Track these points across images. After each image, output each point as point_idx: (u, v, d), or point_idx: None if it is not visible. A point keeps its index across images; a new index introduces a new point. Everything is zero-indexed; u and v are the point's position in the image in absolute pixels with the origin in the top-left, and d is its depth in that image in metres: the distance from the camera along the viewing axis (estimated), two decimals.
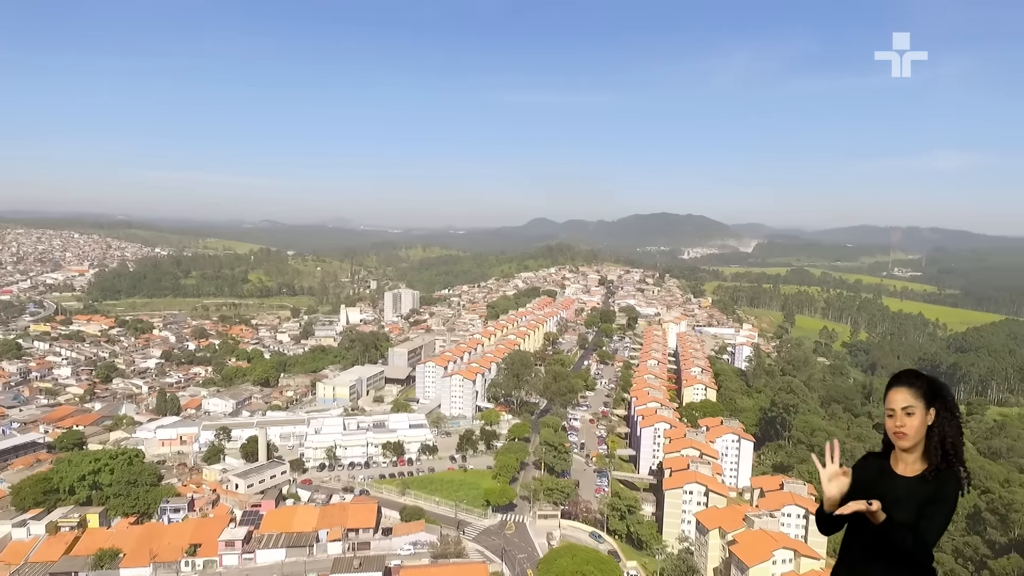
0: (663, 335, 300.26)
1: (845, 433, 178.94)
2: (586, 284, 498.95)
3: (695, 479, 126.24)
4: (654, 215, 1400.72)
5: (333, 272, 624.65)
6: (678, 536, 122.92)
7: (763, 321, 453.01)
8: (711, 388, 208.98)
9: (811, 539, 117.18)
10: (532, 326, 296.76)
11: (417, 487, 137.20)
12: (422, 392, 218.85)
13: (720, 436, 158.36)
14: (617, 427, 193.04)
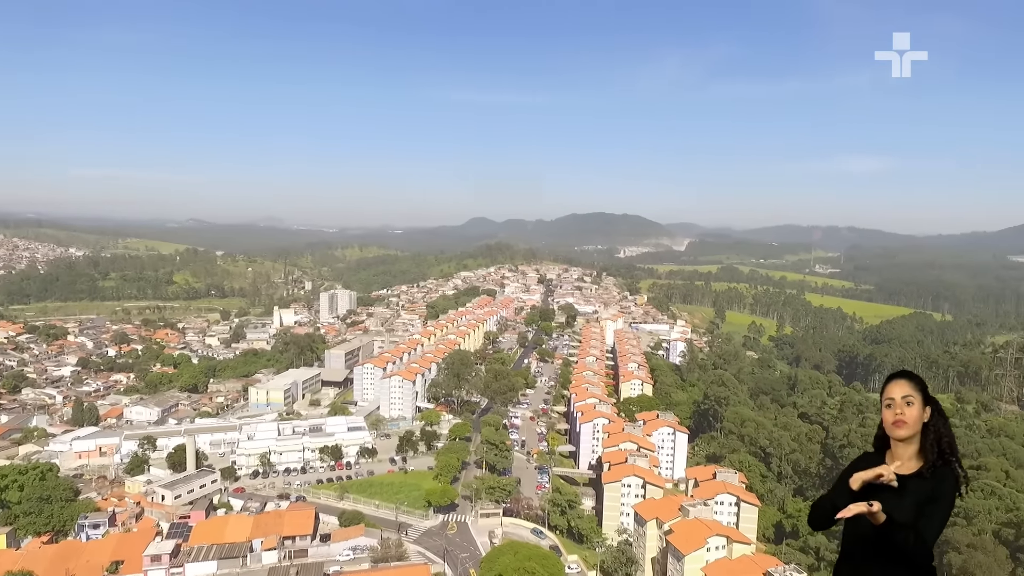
0: (601, 332, 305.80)
1: (773, 423, 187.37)
2: (525, 283, 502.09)
3: (633, 472, 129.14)
4: (591, 214, 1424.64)
5: (265, 273, 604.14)
6: (617, 528, 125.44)
7: (696, 317, 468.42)
8: (647, 383, 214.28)
9: (742, 526, 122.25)
10: (472, 325, 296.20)
11: (356, 491, 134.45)
12: (360, 394, 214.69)
13: (656, 429, 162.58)
14: (557, 424, 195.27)
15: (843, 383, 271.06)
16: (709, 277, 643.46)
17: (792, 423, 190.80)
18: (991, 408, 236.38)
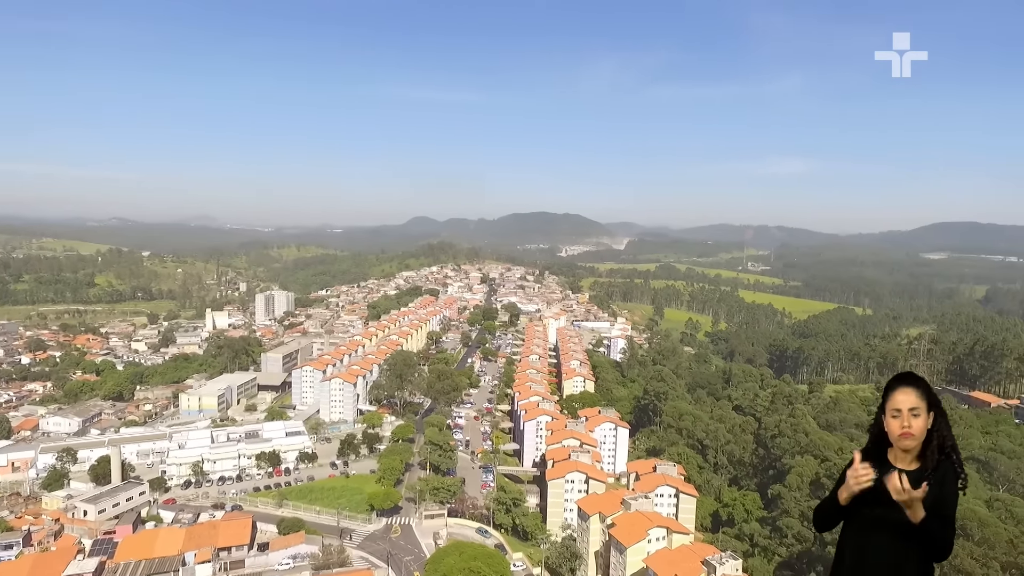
0: (544, 330, 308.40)
1: (709, 415, 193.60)
2: (468, 282, 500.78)
3: (576, 468, 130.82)
4: (533, 214, 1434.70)
5: (196, 274, 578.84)
6: (561, 524, 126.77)
7: (635, 314, 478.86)
8: (589, 380, 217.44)
9: (681, 516, 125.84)
10: (415, 326, 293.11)
11: (296, 497, 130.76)
12: (299, 398, 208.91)
13: (598, 425, 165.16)
14: (501, 422, 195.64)
15: (774, 376, 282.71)
16: (648, 275, 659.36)
17: (727, 415, 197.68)
18: None
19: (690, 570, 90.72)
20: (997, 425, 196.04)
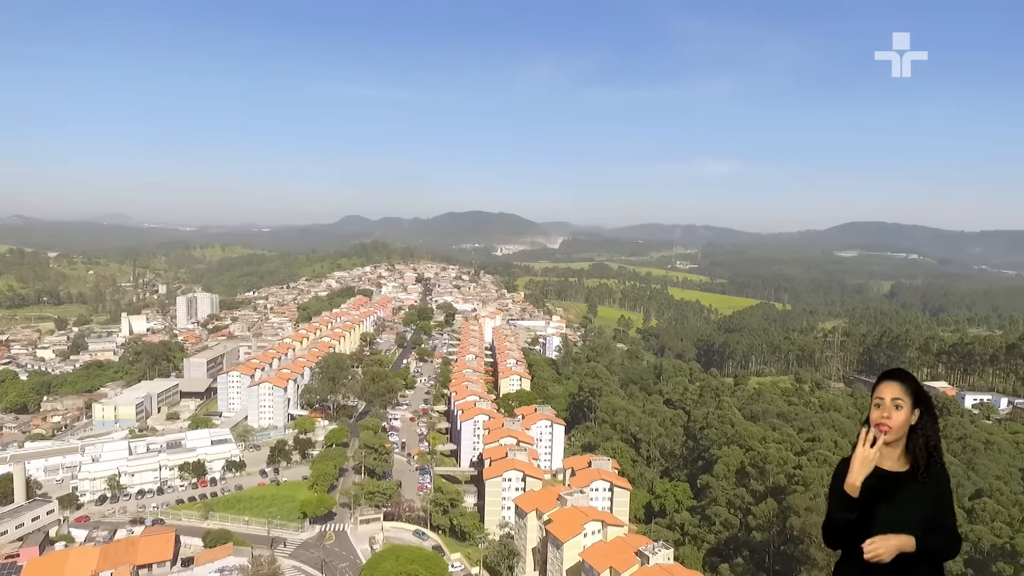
0: (480, 330, 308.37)
1: (641, 410, 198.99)
2: (403, 282, 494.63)
3: (513, 466, 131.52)
4: (468, 213, 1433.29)
5: (110, 276, 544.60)
6: (499, 523, 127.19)
7: (570, 312, 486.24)
8: (525, 378, 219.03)
9: (616, 509, 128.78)
10: (348, 327, 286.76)
11: (223, 508, 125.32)
12: (226, 404, 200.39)
13: (535, 423, 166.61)
14: (438, 423, 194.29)
15: (702, 370, 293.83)
16: (582, 274, 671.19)
17: (658, 409, 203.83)
18: (823, 386, 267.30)
19: (624, 561, 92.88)
20: None
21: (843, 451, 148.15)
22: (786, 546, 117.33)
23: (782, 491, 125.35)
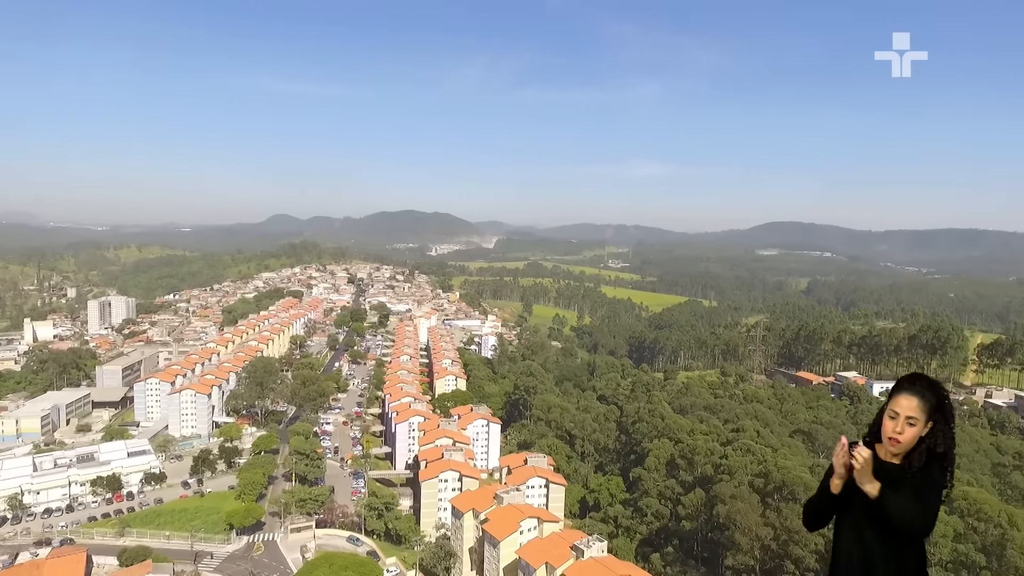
0: (415, 330, 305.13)
1: (576, 407, 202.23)
2: (335, 283, 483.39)
3: (449, 467, 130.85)
4: (402, 212, 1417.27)
5: (11, 279, 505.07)
6: (435, 524, 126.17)
7: (505, 312, 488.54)
8: (461, 378, 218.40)
9: (551, 505, 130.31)
10: (276, 330, 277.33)
11: (141, 524, 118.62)
12: (144, 414, 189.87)
13: (471, 423, 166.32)
14: (372, 426, 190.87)
15: (633, 366, 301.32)
16: (517, 273, 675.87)
17: (592, 405, 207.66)
18: (746, 379, 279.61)
19: (560, 556, 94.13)
20: (818, 400, 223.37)
21: (764, 440, 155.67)
22: (713, 533, 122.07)
23: (709, 481, 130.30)
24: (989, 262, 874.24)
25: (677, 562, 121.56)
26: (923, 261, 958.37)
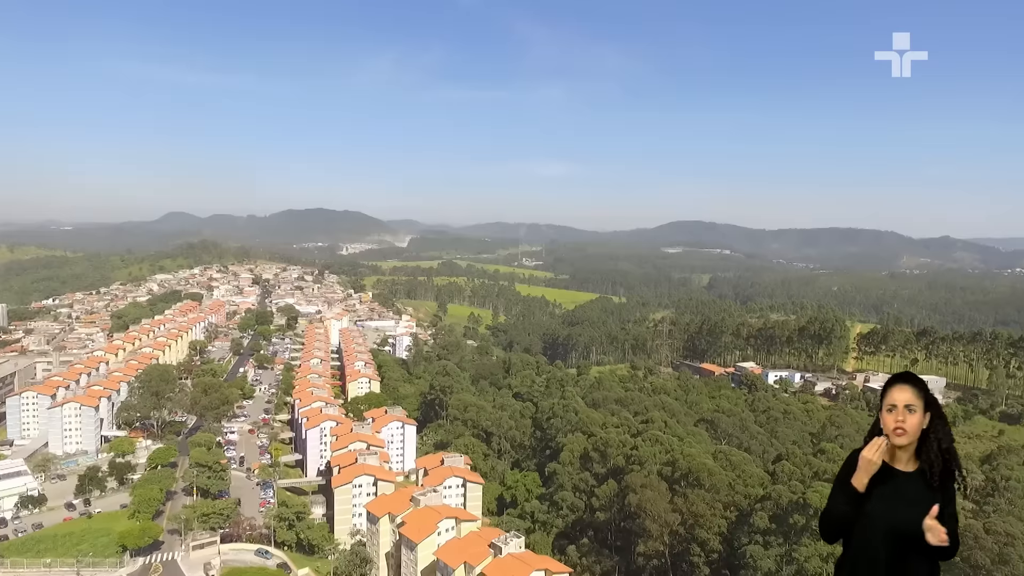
0: (325, 332, 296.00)
1: (492, 404, 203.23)
2: (238, 284, 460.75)
3: (363, 471, 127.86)
4: (310, 210, 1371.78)
5: None
6: (350, 531, 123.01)
7: (420, 311, 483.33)
8: (375, 380, 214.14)
9: (469, 504, 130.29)
10: (173, 335, 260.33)
11: (17, 552, 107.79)
12: (18, 430, 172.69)
13: (386, 425, 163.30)
14: (281, 433, 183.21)
15: (548, 362, 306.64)
16: (431, 272, 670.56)
17: (508, 403, 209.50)
18: (654, 371, 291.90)
19: (478, 555, 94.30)
20: (719, 390, 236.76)
21: (671, 429, 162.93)
22: (625, 522, 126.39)
23: (621, 471, 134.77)
24: (865, 258, 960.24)
25: (592, 552, 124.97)
26: (810, 257, 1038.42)
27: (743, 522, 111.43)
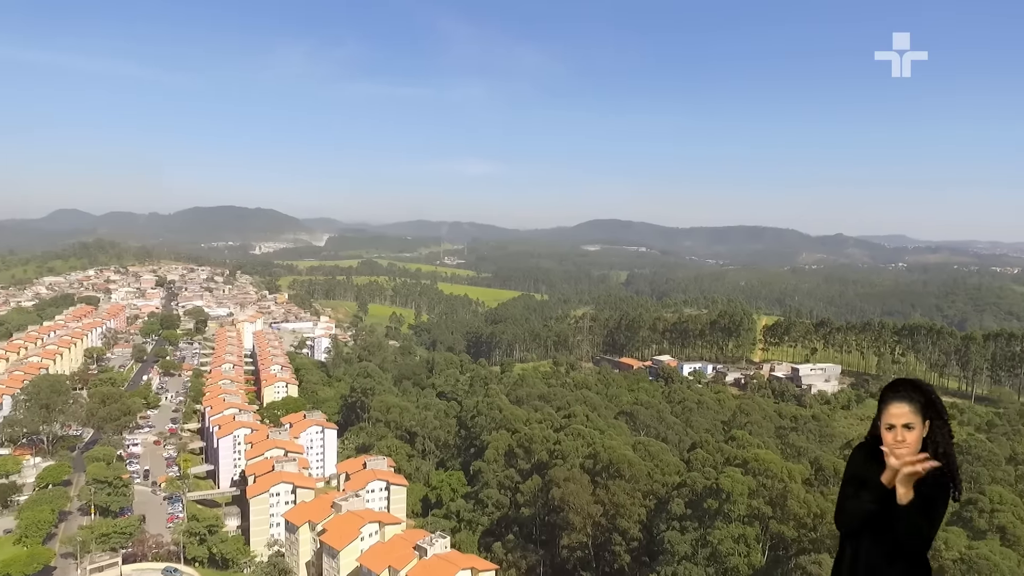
0: (238, 336, 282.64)
1: (416, 405, 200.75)
2: (140, 287, 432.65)
3: (281, 479, 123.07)
4: (219, 208, 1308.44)
5: None
6: (268, 542, 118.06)
7: (339, 312, 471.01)
8: (292, 384, 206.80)
9: (393, 507, 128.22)
10: (66, 342, 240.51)
11: None
12: None
13: (304, 430, 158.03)
14: (190, 443, 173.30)
15: (472, 360, 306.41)
16: (351, 272, 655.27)
17: (432, 403, 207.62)
18: (576, 367, 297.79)
19: (402, 558, 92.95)
20: (638, 383, 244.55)
21: (593, 423, 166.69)
22: (550, 516, 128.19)
23: (545, 466, 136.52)
24: (769, 255, 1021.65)
25: (517, 548, 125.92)
26: (720, 254, 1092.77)
27: (661, 509, 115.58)
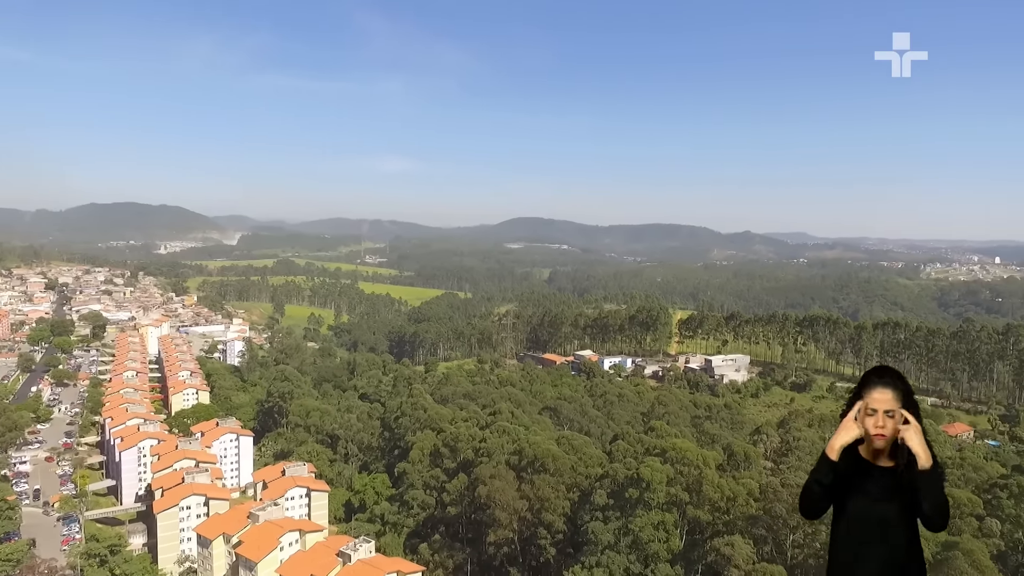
0: (141, 341, 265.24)
1: (337, 407, 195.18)
2: (26, 290, 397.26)
3: (192, 491, 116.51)
4: (119, 204, 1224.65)
5: None
6: (178, 559, 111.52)
7: (254, 314, 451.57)
8: (203, 390, 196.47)
9: (315, 514, 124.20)
10: None
11: None
12: None
13: (217, 439, 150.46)
14: (88, 458, 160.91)
15: (395, 360, 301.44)
16: (265, 271, 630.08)
17: (354, 405, 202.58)
18: (500, 364, 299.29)
19: (325, 566, 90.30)
20: (561, 378, 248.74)
21: (518, 419, 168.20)
22: (476, 514, 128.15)
23: (471, 465, 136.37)
24: (683, 252, 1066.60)
25: (444, 548, 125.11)
26: (638, 251, 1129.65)
27: (585, 501, 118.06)
